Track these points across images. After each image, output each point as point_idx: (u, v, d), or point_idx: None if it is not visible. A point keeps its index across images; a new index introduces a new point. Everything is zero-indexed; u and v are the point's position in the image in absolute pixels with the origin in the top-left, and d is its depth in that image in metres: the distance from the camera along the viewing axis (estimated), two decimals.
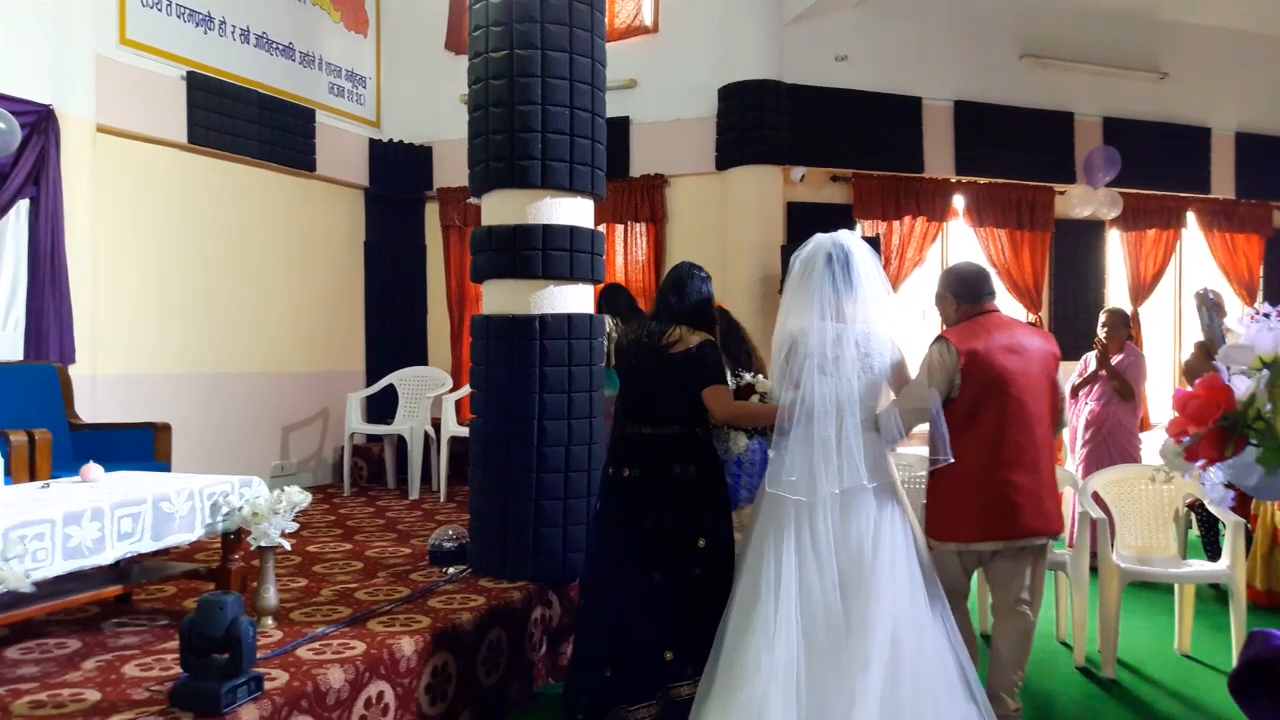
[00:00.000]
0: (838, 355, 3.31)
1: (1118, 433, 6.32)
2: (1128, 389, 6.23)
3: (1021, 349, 3.52)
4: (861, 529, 3.23)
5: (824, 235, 3.45)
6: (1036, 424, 3.49)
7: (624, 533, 3.44)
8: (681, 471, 3.44)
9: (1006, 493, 3.42)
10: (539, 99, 4.27)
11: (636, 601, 3.38)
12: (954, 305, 3.68)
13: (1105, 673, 4.39)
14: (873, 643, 3.06)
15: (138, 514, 3.25)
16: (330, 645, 3.33)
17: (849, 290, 3.35)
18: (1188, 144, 8.42)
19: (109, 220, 5.86)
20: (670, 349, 3.47)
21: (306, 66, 7.38)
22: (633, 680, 3.35)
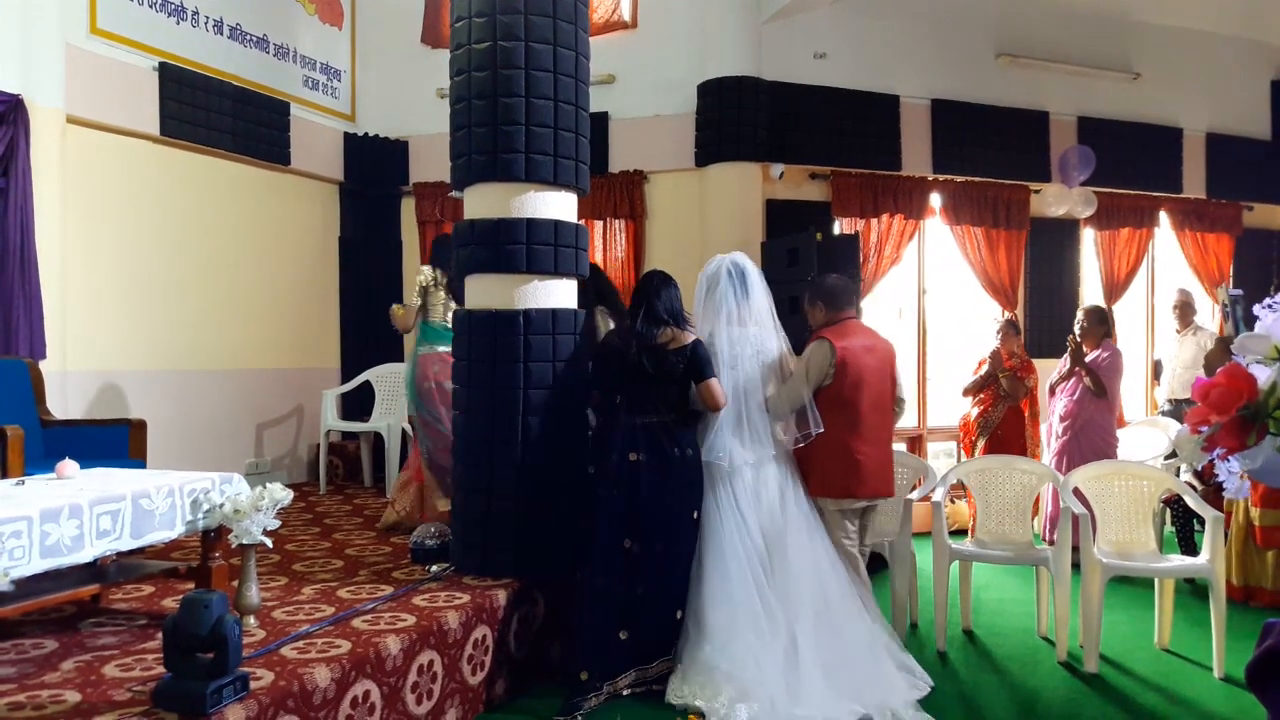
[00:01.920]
0: (739, 354, 4.26)
1: (1090, 429, 6.39)
2: (1100, 386, 6.30)
3: (874, 349, 4.48)
4: (771, 488, 4.19)
5: (723, 255, 4.36)
6: (884, 409, 4.49)
7: (633, 511, 4.00)
8: (680, 454, 4.08)
9: (866, 462, 4.35)
10: (523, 92, 4.22)
11: (647, 571, 3.98)
12: (822, 311, 4.57)
13: (1088, 667, 4.41)
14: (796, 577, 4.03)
15: (117, 511, 3.17)
16: (315, 644, 3.28)
17: (745, 299, 4.29)
18: (1160, 144, 8.50)
19: (79, 213, 5.75)
20: (667, 346, 4.10)
21: (280, 59, 7.28)
22: (648, 641, 3.98)
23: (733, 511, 4.12)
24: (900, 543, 4.90)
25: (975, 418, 6.85)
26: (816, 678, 3.80)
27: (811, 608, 4.00)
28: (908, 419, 8.05)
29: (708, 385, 4.09)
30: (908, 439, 7.97)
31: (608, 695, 3.87)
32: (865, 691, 3.83)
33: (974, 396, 6.91)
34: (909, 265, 7.88)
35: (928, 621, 5.07)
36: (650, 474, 4.03)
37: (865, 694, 3.82)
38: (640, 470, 4.03)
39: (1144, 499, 4.80)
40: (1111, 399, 6.45)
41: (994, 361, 6.79)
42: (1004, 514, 5.07)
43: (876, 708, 3.76)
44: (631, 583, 3.96)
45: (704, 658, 3.91)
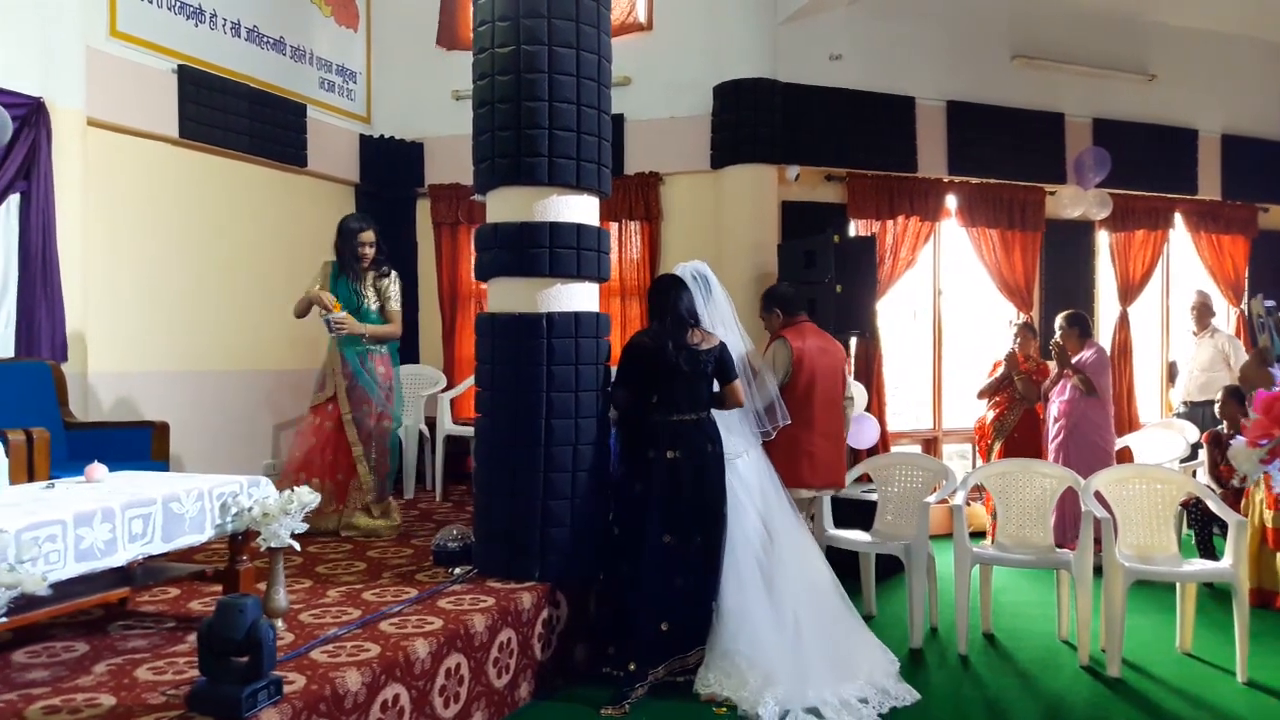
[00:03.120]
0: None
1: (1083, 425, 6.45)
2: (1089, 385, 6.34)
3: (827, 350, 5.13)
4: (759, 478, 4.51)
5: (684, 263, 4.63)
6: (835, 405, 5.13)
7: (671, 506, 4.19)
8: (713, 450, 4.30)
9: (819, 454, 5.01)
10: (546, 96, 4.23)
11: (684, 563, 4.18)
12: (778, 316, 5.20)
13: (1111, 671, 4.41)
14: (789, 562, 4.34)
15: (148, 515, 3.19)
16: (344, 648, 3.29)
17: (711, 303, 4.54)
18: (1175, 145, 8.49)
19: (99, 215, 5.76)
20: (699, 346, 4.32)
21: (297, 61, 7.29)
22: (687, 631, 4.16)
23: (734, 501, 4.37)
24: (917, 546, 4.90)
25: (991, 421, 6.85)
26: (818, 659, 4.05)
27: (805, 591, 4.29)
28: (922, 421, 8.07)
29: (733, 387, 4.41)
30: (922, 441, 7.98)
31: (651, 683, 4.03)
32: (857, 670, 4.13)
33: (989, 399, 6.90)
34: (924, 267, 7.87)
35: (947, 625, 5.07)
36: (688, 470, 4.22)
37: (858, 672, 4.11)
38: (679, 466, 4.22)
39: (1165, 502, 4.79)
40: (1103, 396, 6.48)
41: (1010, 364, 6.78)
42: (1024, 518, 5.06)
43: (868, 683, 4.06)
44: (670, 576, 4.16)
45: (724, 644, 4.12)
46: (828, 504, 5.27)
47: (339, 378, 5.38)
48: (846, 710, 3.86)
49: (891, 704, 4.01)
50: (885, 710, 3.96)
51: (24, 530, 2.70)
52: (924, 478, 5.35)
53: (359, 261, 5.42)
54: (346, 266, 5.43)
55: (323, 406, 5.41)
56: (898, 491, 5.40)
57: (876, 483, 5.53)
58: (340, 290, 5.39)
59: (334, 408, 5.37)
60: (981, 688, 4.31)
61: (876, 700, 3.98)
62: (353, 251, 5.41)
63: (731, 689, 3.96)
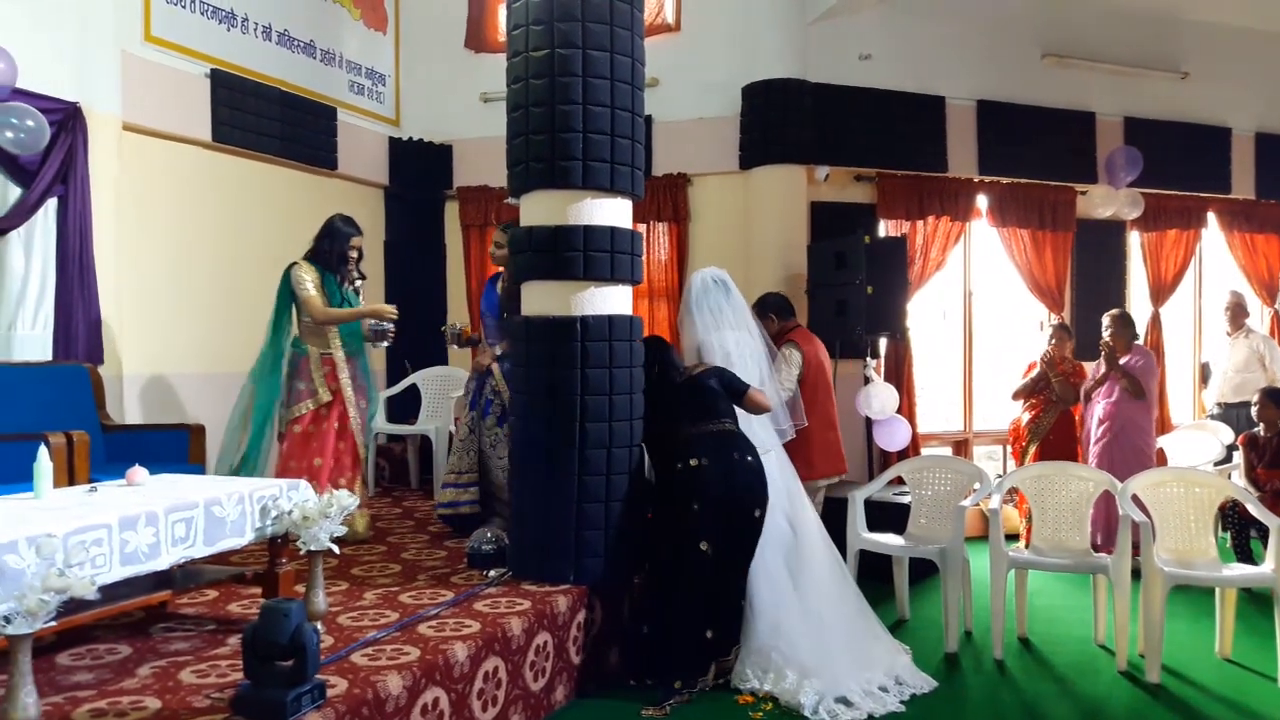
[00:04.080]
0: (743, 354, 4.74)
1: (1129, 429, 6.38)
2: (1138, 388, 6.28)
3: (819, 350, 5.79)
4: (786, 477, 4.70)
5: (702, 269, 4.86)
6: (831, 398, 5.78)
7: (705, 514, 4.22)
8: (741, 459, 4.33)
9: (836, 444, 5.74)
10: (580, 99, 4.23)
11: (723, 570, 4.23)
12: (774, 322, 5.74)
13: (1150, 677, 4.37)
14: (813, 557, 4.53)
15: (190, 519, 3.21)
16: (384, 651, 3.30)
17: (731, 306, 4.77)
18: (1208, 144, 8.40)
19: (134, 218, 5.81)
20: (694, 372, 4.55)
21: (327, 64, 7.33)
22: (728, 632, 4.24)
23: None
24: (953, 549, 4.87)
25: (1027, 423, 6.80)
26: (842, 650, 4.20)
27: (827, 585, 4.47)
28: (953, 423, 8.02)
29: (749, 397, 4.51)
30: (953, 443, 7.94)
31: (701, 689, 4.11)
32: (876, 659, 4.28)
33: (1024, 401, 6.85)
34: (954, 268, 7.82)
35: (982, 629, 5.04)
36: (714, 477, 4.26)
37: (876, 661, 4.26)
38: (704, 474, 4.26)
39: (1204, 506, 4.74)
40: (1149, 400, 6.41)
41: (1046, 365, 6.72)
42: (1060, 521, 5.02)
43: (887, 673, 4.21)
44: (711, 583, 4.21)
45: (759, 641, 4.26)
46: (860, 506, 5.26)
47: (341, 377, 5.19)
48: (871, 698, 4.01)
49: (911, 692, 4.16)
50: (906, 698, 4.10)
51: (71, 534, 2.72)
52: (958, 480, 5.31)
53: (345, 264, 5.31)
54: (332, 266, 5.26)
55: (315, 413, 5.14)
56: (931, 494, 5.37)
57: (909, 485, 5.50)
58: (329, 289, 5.23)
59: (331, 411, 5.16)
60: (1019, 692, 4.28)
61: (895, 689, 4.13)
62: (341, 253, 5.28)
63: (771, 683, 4.09)
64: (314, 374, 5.16)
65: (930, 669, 4.48)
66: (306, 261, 5.26)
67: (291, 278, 5.19)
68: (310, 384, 5.16)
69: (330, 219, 5.39)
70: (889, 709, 3.98)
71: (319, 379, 5.16)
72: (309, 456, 5.10)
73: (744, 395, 4.49)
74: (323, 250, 5.29)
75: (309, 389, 5.16)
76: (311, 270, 5.22)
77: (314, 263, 5.26)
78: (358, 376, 5.31)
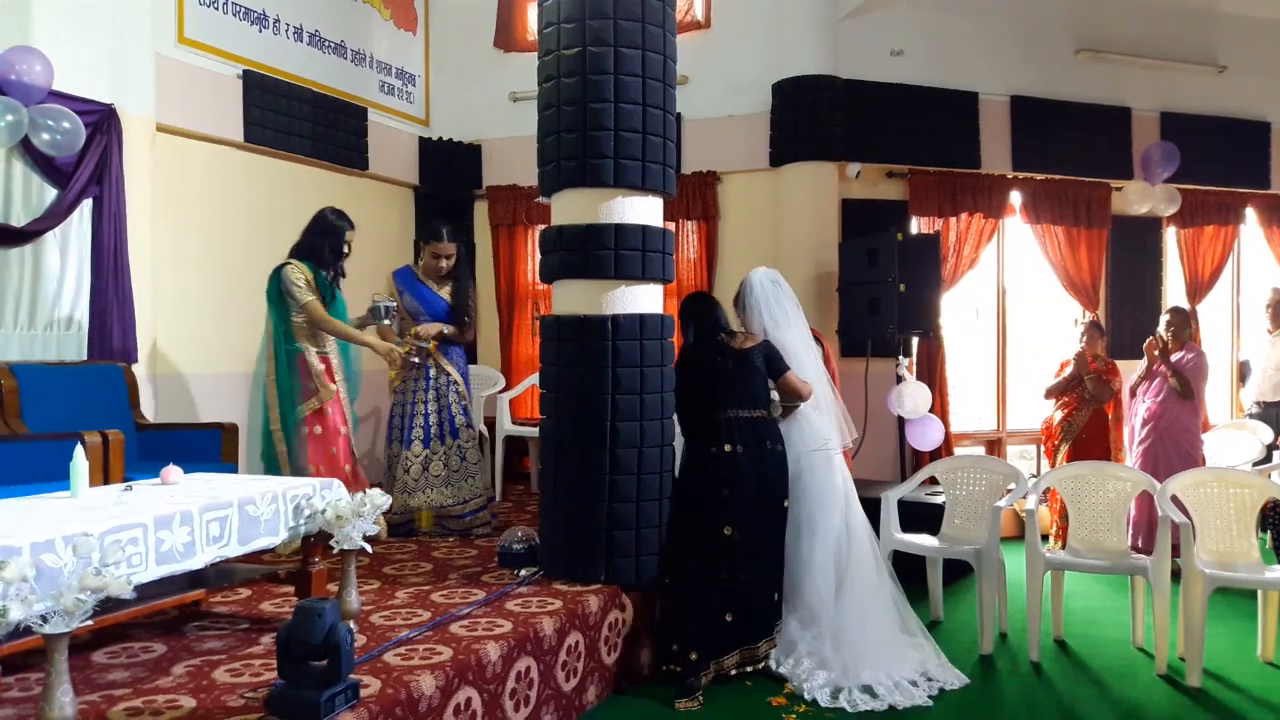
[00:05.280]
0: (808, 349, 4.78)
1: (1175, 430, 6.27)
2: (1186, 387, 6.17)
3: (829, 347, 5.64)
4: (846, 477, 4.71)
5: (757, 269, 4.86)
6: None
7: (733, 500, 4.27)
8: (772, 447, 4.39)
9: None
10: (612, 97, 4.21)
11: (747, 556, 4.25)
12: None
13: (1190, 681, 4.29)
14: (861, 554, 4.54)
15: (225, 518, 3.22)
16: (417, 650, 3.30)
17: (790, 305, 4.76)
18: (1246, 139, 8.25)
19: (167, 219, 5.85)
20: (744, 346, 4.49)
21: (358, 65, 7.35)
22: (754, 621, 4.28)
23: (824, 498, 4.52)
24: (989, 550, 4.81)
25: (1059, 422, 6.71)
26: (876, 646, 4.26)
27: (871, 585, 4.49)
28: (985, 422, 7.94)
29: (786, 379, 4.52)
30: (986, 442, 7.86)
31: (715, 673, 4.13)
32: (909, 655, 4.32)
33: (1057, 399, 6.77)
34: (987, 265, 7.74)
35: (1017, 631, 4.98)
36: (748, 464, 4.30)
37: (909, 657, 4.31)
38: (739, 460, 4.30)
39: (1246, 507, 4.66)
40: (1197, 401, 6.31)
41: (1078, 363, 6.64)
42: (1097, 522, 4.95)
43: (918, 669, 4.25)
44: (734, 568, 4.24)
45: (790, 631, 4.39)
46: (894, 507, 5.21)
47: (338, 376, 5.15)
48: (899, 690, 4.06)
49: (940, 686, 4.19)
50: (934, 693, 4.12)
51: (107, 533, 2.74)
52: (993, 481, 5.25)
53: (338, 259, 5.20)
54: (325, 263, 5.13)
55: (320, 412, 5.04)
56: (965, 495, 5.31)
57: (943, 486, 5.44)
58: (321, 287, 5.09)
59: (334, 409, 5.09)
60: (1056, 695, 4.22)
61: (925, 684, 4.16)
62: (335, 249, 5.16)
63: (788, 667, 4.23)
64: (314, 373, 5.07)
65: (965, 671, 4.43)
66: (298, 260, 5.13)
67: (283, 278, 5.04)
68: (312, 383, 5.07)
69: (321, 212, 5.25)
70: (916, 702, 4.01)
71: (318, 377, 5.07)
72: (320, 457, 5.04)
73: (782, 375, 4.50)
74: (315, 246, 5.16)
75: (311, 388, 5.06)
76: (304, 269, 5.06)
77: (305, 260, 5.13)
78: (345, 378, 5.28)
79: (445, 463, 5.41)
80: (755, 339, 4.55)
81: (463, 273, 5.60)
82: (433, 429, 5.40)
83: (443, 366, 5.47)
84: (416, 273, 5.58)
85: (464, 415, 5.49)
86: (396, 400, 5.52)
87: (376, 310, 5.18)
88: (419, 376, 5.44)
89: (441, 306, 5.50)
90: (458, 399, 5.49)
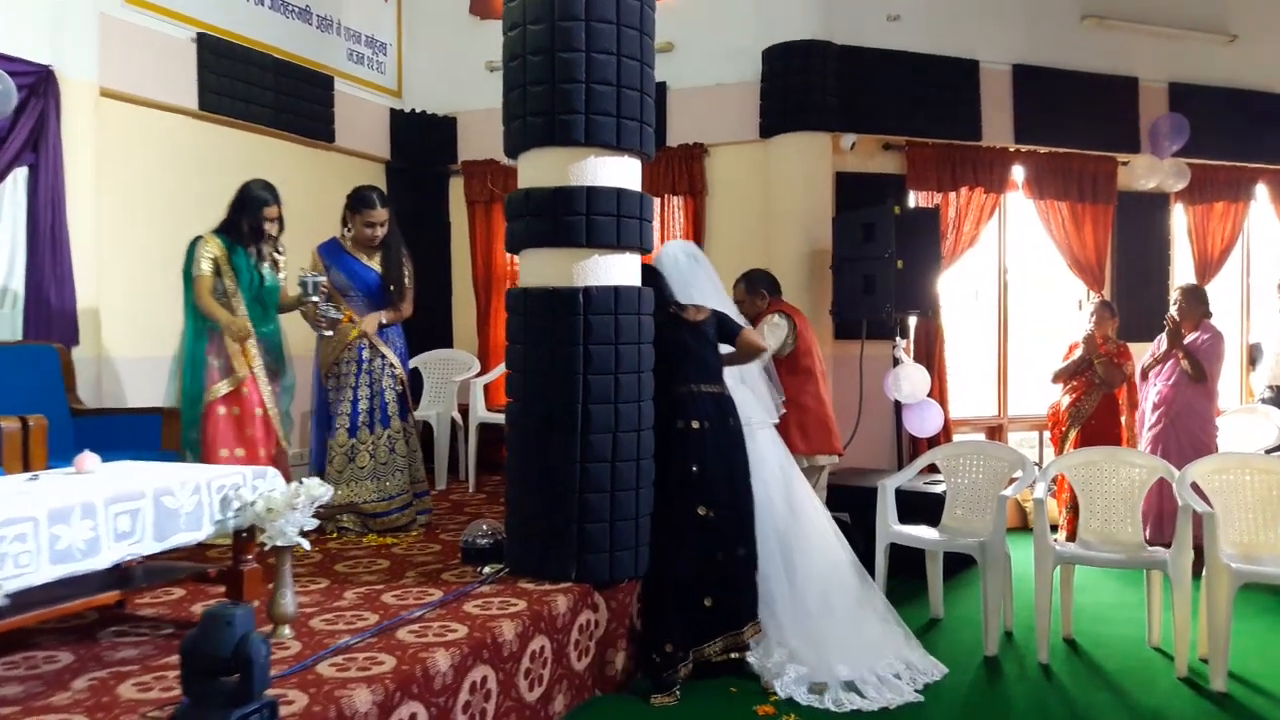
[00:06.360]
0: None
1: (1187, 416, 5.94)
2: (1199, 370, 5.84)
3: (809, 324, 5.43)
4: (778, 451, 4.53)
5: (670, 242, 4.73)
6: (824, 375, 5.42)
7: (704, 478, 4.04)
8: (735, 422, 4.20)
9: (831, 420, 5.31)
10: (583, 46, 3.82)
11: (723, 536, 4.04)
12: (765, 298, 5.40)
13: (1215, 685, 3.93)
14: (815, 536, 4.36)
15: (136, 510, 2.84)
16: (355, 660, 2.93)
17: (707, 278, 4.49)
18: (1258, 111, 7.86)
19: (113, 191, 5.46)
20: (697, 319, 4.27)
21: (324, 31, 6.95)
22: (736, 604, 4.04)
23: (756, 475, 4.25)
24: (994, 542, 4.45)
25: (1067, 407, 6.35)
26: (851, 636, 4.04)
27: (830, 568, 4.26)
28: (987, 408, 7.58)
29: (744, 336, 4.35)
30: (986, 428, 7.50)
31: (695, 662, 3.91)
32: (886, 647, 4.08)
33: (1065, 383, 6.41)
34: (988, 242, 7.37)
35: (1023, 629, 4.64)
36: (716, 440, 4.10)
37: (886, 649, 4.07)
38: (707, 437, 4.09)
39: (1272, 495, 4.30)
40: (1211, 384, 5.96)
41: (1088, 346, 6.26)
42: (1110, 512, 4.60)
43: (896, 658, 4.03)
44: (709, 549, 4.01)
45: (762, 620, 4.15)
46: (891, 496, 4.85)
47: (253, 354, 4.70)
48: (886, 687, 3.82)
49: (924, 680, 3.95)
50: (919, 686, 3.90)
51: None
52: (997, 468, 4.90)
53: (260, 238, 4.77)
54: (245, 240, 4.72)
55: (236, 393, 4.64)
56: (968, 483, 4.96)
57: (944, 474, 5.09)
58: (238, 265, 4.70)
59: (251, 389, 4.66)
60: (1069, 702, 3.86)
61: (908, 675, 3.95)
62: (255, 226, 4.73)
63: (758, 656, 4.02)
64: (227, 349, 4.65)
65: (969, 673, 4.12)
66: (214, 235, 4.73)
67: (193, 252, 4.68)
68: (224, 360, 4.66)
69: (245, 184, 4.84)
70: (906, 699, 3.77)
71: (234, 356, 4.65)
72: (236, 441, 4.65)
73: (739, 334, 4.33)
74: (234, 222, 4.76)
75: (224, 366, 4.67)
76: (217, 245, 4.67)
77: (223, 235, 4.73)
78: (267, 356, 4.82)
79: (373, 454, 4.95)
80: (704, 311, 4.30)
81: (393, 241, 5.12)
82: (361, 416, 4.95)
83: (377, 348, 5.02)
84: (344, 245, 5.11)
85: (398, 403, 5.05)
86: (329, 384, 5.08)
87: (305, 285, 4.71)
88: (351, 359, 5.00)
89: (372, 278, 5.04)
90: (393, 384, 5.04)
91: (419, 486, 5.11)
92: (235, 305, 4.70)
